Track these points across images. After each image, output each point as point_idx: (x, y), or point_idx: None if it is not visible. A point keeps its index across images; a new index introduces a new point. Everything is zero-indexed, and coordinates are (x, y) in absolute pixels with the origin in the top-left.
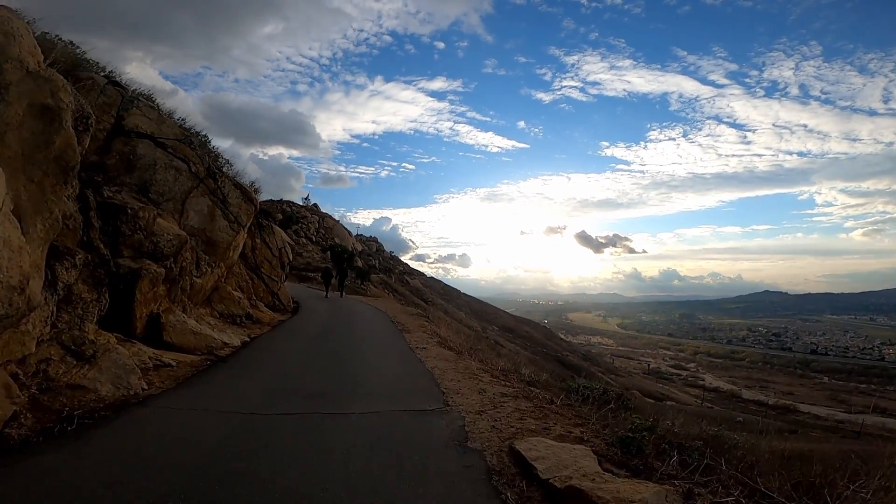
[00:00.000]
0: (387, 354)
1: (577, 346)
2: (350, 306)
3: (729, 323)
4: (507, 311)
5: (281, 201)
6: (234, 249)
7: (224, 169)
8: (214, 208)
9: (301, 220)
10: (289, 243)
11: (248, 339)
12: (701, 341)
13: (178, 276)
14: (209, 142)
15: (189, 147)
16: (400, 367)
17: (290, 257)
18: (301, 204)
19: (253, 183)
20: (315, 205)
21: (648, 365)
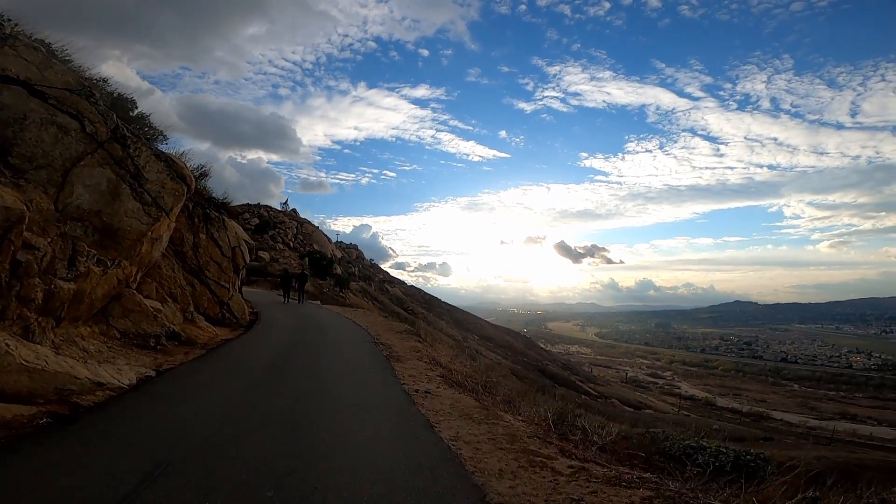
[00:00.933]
0: (373, 413)
1: (557, 356)
2: (322, 319)
3: (702, 332)
4: (488, 320)
5: (258, 205)
6: (153, 243)
7: (159, 145)
8: (119, 184)
9: (279, 225)
10: (246, 241)
11: (152, 374)
12: (676, 350)
13: (6, 279)
14: (130, 101)
15: (88, 101)
16: (400, 450)
17: (247, 258)
18: (279, 209)
19: (184, 153)
20: (294, 210)
21: (626, 373)
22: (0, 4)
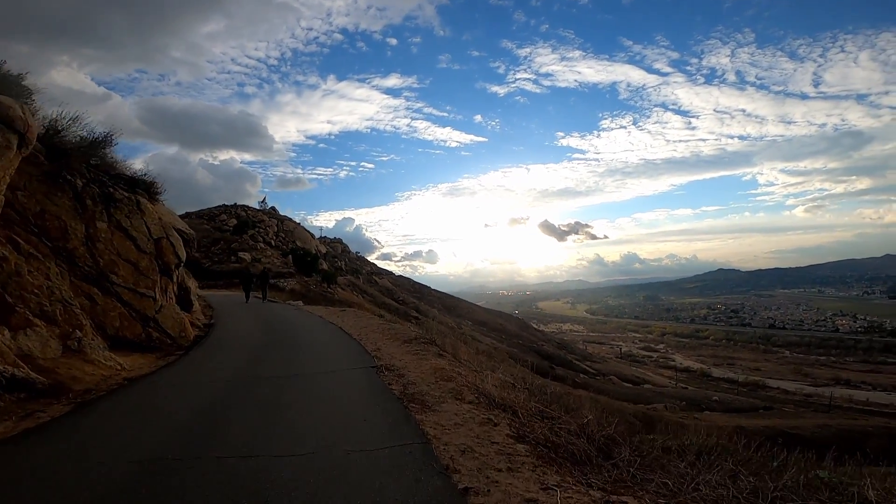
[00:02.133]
0: None
1: (551, 335)
2: (298, 329)
3: (689, 302)
4: (478, 304)
5: (235, 206)
6: None
7: None
8: None
9: (258, 224)
10: (181, 230)
11: None
12: (666, 322)
13: None
14: None
15: None
16: None
17: (183, 254)
18: (258, 208)
19: (20, 76)
20: (273, 208)
21: (620, 349)
22: None
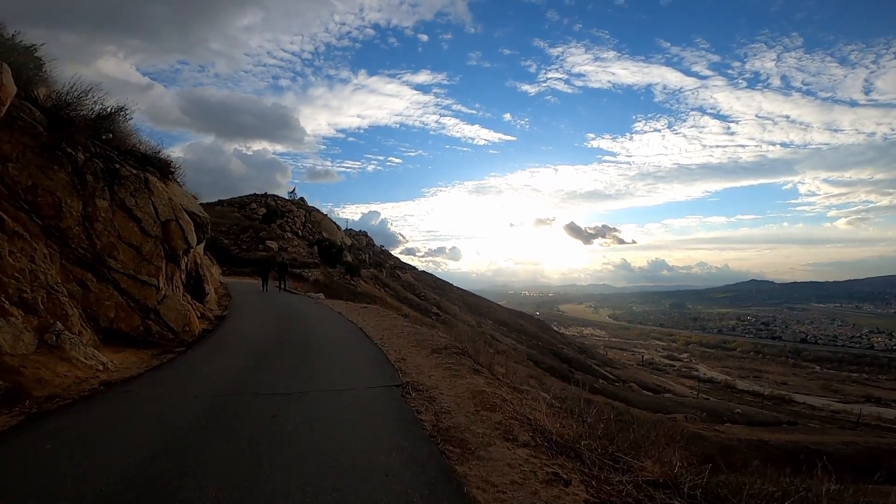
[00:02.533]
0: None
1: (572, 339)
2: (314, 326)
3: (718, 312)
4: (500, 303)
5: (266, 195)
6: None
7: None
8: None
9: (286, 214)
10: (194, 212)
11: None
12: (692, 331)
13: None
14: None
15: None
16: None
17: (193, 238)
18: (287, 198)
19: (33, 46)
20: (302, 199)
21: (642, 356)
22: None
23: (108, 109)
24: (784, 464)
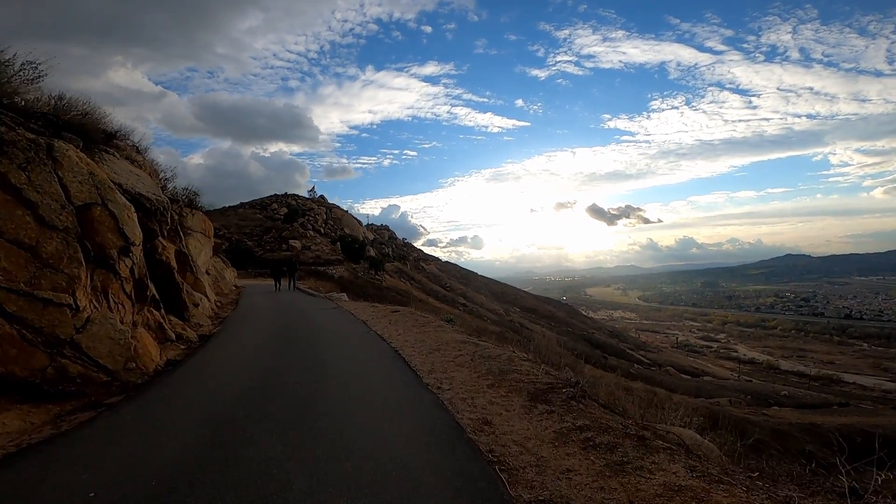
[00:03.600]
0: None
1: (602, 323)
2: (324, 354)
3: (754, 290)
4: (525, 290)
5: (286, 195)
6: None
7: None
8: None
9: (308, 212)
10: (141, 195)
11: None
12: (728, 310)
13: None
14: None
15: None
16: None
17: (137, 233)
18: (307, 197)
19: None
20: (322, 196)
21: (676, 338)
22: None
23: None
24: (840, 448)
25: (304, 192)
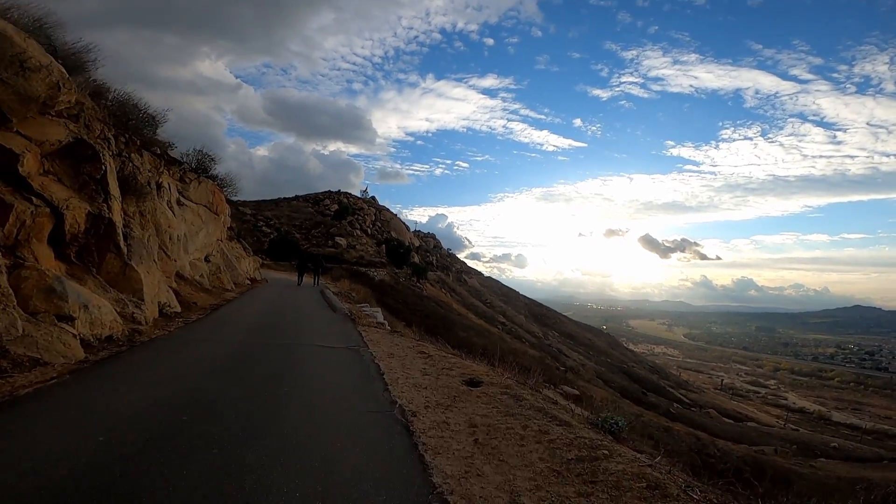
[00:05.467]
0: None
1: (642, 357)
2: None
3: (814, 338)
4: (565, 314)
5: (339, 192)
6: None
7: None
8: None
9: (357, 211)
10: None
11: None
12: (782, 357)
13: None
14: None
15: None
16: None
17: (81, 223)
18: (359, 196)
19: None
20: (373, 198)
21: (721, 380)
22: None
23: None
24: None
25: (356, 192)
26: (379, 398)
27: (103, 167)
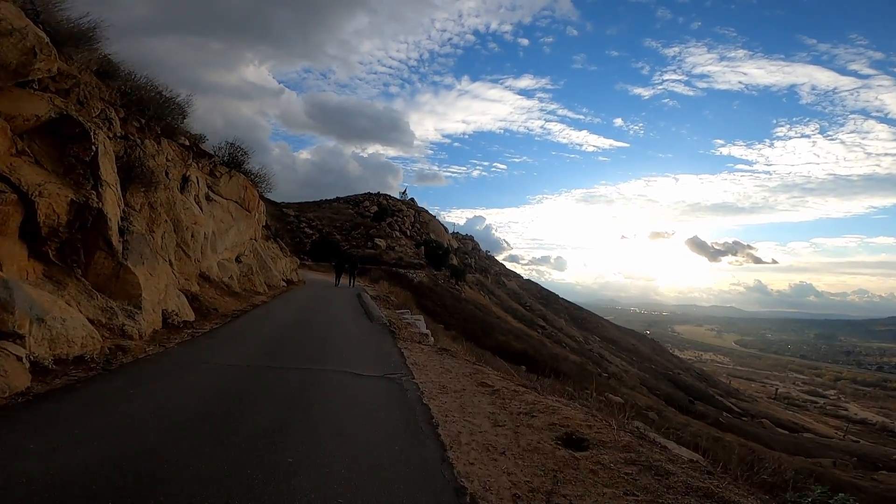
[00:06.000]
0: None
1: (689, 363)
2: None
3: (879, 347)
4: (606, 318)
5: (378, 194)
6: None
7: None
8: None
9: (397, 213)
10: None
11: None
12: (844, 366)
13: None
14: None
15: None
16: None
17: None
18: (398, 198)
19: None
20: (412, 199)
21: (776, 389)
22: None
23: None
24: None
25: (395, 194)
26: (434, 477)
27: (93, 148)
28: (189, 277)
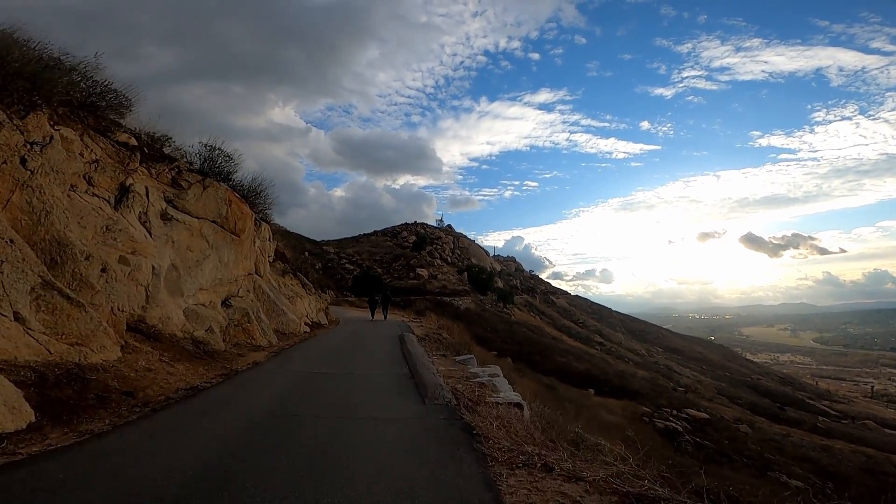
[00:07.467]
0: None
1: (767, 367)
2: None
3: None
4: (665, 327)
5: (415, 223)
6: None
7: None
8: None
9: (435, 241)
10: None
11: None
12: None
13: None
14: None
15: None
16: None
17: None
18: (435, 226)
19: None
20: (449, 226)
21: (872, 387)
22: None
23: None
24: None
25: (432, 222)
26: None
27: None
28: (85, 337)
